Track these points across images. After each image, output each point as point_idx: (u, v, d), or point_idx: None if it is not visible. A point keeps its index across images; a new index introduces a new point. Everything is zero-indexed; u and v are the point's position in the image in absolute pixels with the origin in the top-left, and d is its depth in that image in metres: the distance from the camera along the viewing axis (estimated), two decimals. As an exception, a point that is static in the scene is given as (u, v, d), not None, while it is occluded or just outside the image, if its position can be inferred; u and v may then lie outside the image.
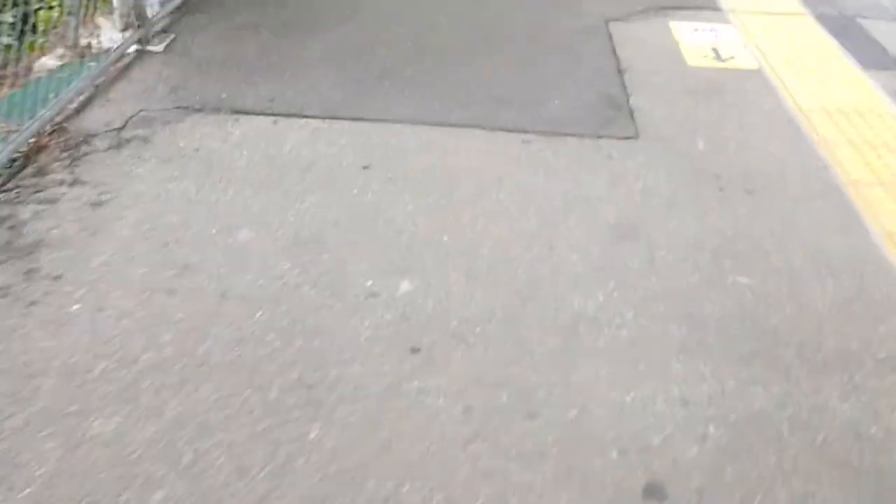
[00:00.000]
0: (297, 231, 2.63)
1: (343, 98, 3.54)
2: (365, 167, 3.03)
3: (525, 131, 3.33)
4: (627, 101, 3.62)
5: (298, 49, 3.99)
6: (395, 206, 2.79)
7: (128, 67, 3.73)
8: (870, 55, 4.20)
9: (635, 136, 3.32)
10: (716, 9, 4.83)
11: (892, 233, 2.72)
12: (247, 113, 3.39)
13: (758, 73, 3.96)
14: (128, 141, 3.13)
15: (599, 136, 3.31)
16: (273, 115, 3.38)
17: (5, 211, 2.67)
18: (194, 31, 4.15)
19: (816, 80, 3.89)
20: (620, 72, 3.92)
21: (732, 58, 4.14)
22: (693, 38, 4.37)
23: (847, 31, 4.51)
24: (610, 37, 4.35)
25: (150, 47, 3.91)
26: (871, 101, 3.70)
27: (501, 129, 3.34)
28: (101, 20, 4.20)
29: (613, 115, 3.49)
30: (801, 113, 3.55)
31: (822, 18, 4.71)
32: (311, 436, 1.90)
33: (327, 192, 2.86)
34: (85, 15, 3.94)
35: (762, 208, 2.85)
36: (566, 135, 3.32)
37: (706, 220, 2.77)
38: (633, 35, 4.39)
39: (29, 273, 2.39)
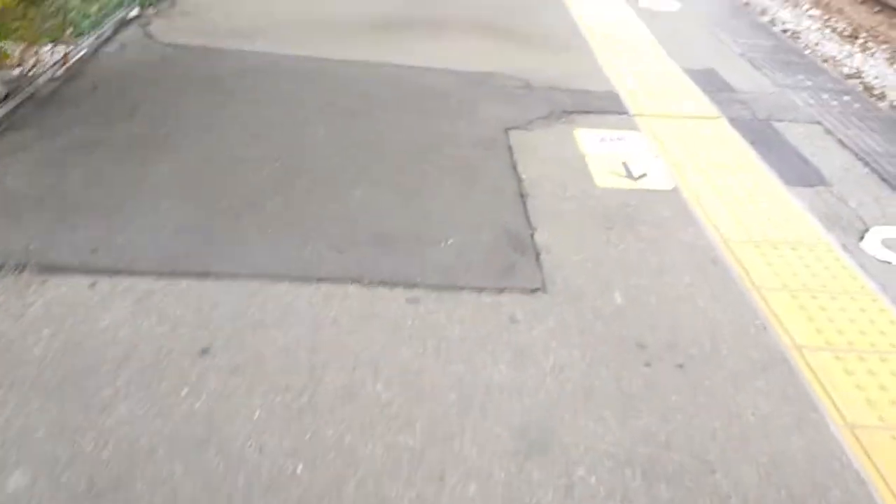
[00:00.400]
0: (92, 470, 1.92)
1: (188, 244, 2.87)
2: (204, 351, 2.36)
3: (412, 285, 2.74)
4: (532, 237, 3.10)
5: (140, 175, 3.31)
6: (236, 417, 2.12)
7: (-89, 208, 2.96)
8: (791, 167, 3.85)
9: (542, 289, 2.77)
10: (622, 112, 4.45)
11: (854, 424, 2.24)
12: (59, 271, 2.67)
13: (674, 195, 3.52)
14: None
15: (501, 290, 2.75)
16: (93, 272, 2.68)
17: None
18: (13, 152, 3.42)
19: (738, 201, 3.48)
20: (523, 197, 3.41)
21: (644, 175, 3.70)
22: (601, 150, 3.93)
23: (763, 137, 4.18)
24: (510, 149, 3.86)
25: (-52, 178, 3.15)
26: (801, 228, 3.30)
27: (383, 284, 2.74)
28: None
29: (517, 260, 2.94)
30: (726, 248, 3.10)
31: (736, 122, 4.38)
32: None
33: (146, 396, 2.17)
34: None
35: (698, 393, 2.32)
36: (461, 289, 2.75)
37: (633, 416, 2.22)
38: (536, 147, 3.92)
39: None
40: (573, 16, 6.27)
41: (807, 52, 9.60)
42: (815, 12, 12.11)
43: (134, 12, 5.26)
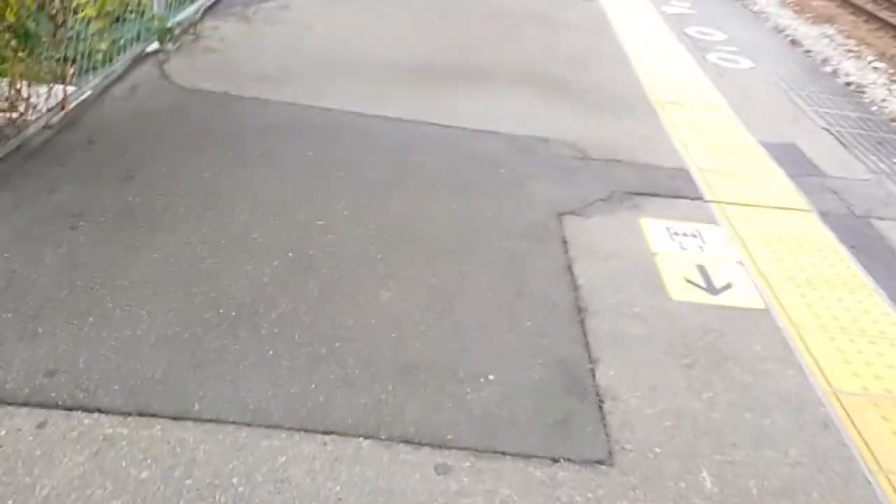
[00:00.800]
0: None
1: (168, 366, 2.31)
2: (165, 545, 1.78)
3: (442, 444, 2.16)
4: (593, 375, 2.50)
5: (125, 262, 2.77)
6: None
7: None
8: (902, 287, 3.20)
9: (609, 460, 2.17)
10: (696, 197, 3.83)
11: None
12: (2, 402, 2.12)
13: (765, 319, 2.90)
14: None
15: (555, 460, 2.15)
16: (45, 406, 2.13)
17: None
18: (-18, 222, 2.90)
19: (844, 333, 2.85)
20: (581, 312, 2.81)
21: (728, 287, 3.09)
22: (673, 249, 3.32)
23: (864, 242, 3.54)
24: (564, 243, 3.27)
25: None
26: (927, 379, 2.65)
27: (406, 441, 2.16)
28: None
29: (574, 409, 2.34)
30: (838, 404, 2.48)
31: (829, 218, 3.74)
32: None
33: None
34: None
35: None
36: (504, 454, 2.15)
37: None
38: (595, 239, 3.32)
39: None
40: (635, 69, 5.68)
41: (874, 108, 8.89)
42: (880, 65, 11.39)
43: (153, 46, 4.77)
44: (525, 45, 6.03)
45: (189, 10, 5.36)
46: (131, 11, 5.06)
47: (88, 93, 4.01)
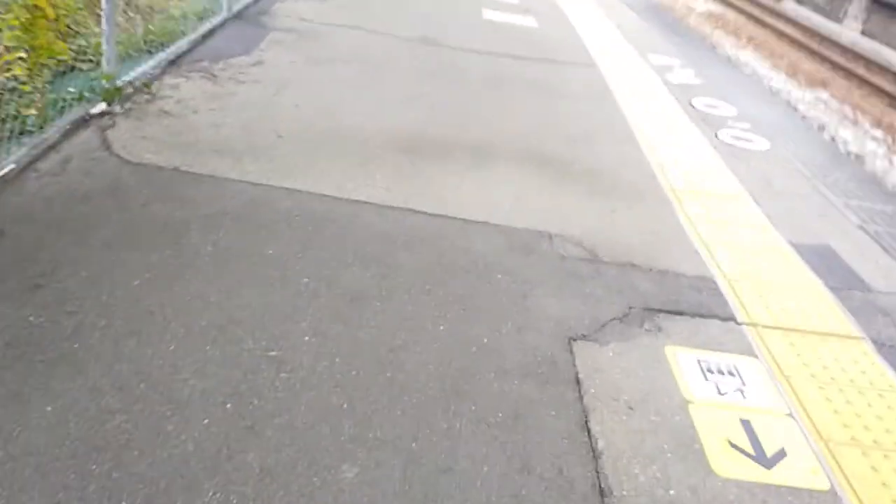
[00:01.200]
0: None
1: None
2: None
3: None
4: None
5: (7, 415, 2.09)
6: None
7: None
8: None
9: None
10: (727, 317, 3.23)
11: None
12: None
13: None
14: None
15: None
16: None
17: None
18: None
19: (938, 531, 2.22)
20: (604, 497, 2.17)
21: (782, 455, 2.47)
22: (709, 394, 2.71)
23: (932, 387, 2.94)
24: (578, 384, 2.64)
25: None
26: None
27: None
28: None
29: None
30: None
31: (884, 349, 3.15)
32: None
33: None
34: None
35: None
36: None
37: None
38: (614, 378, 2.70)
39: None
40: (643, 150, 5.12)
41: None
42: (878, 133, 11.04)
43: (99, 108, 4.14)
44: (522, 116, 5.46)
45: (146, 66, 4.74)
46: (87, 61, 4.47)
47: (10, 167, 3.35)
